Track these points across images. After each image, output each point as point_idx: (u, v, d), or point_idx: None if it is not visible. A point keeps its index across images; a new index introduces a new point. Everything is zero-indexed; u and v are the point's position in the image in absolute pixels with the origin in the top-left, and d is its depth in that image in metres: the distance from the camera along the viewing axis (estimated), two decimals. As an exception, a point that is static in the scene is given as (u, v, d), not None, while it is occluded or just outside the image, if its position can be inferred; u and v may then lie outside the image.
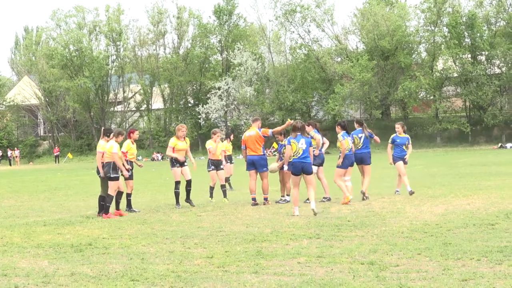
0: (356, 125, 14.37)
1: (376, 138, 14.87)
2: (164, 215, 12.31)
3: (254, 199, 13.47)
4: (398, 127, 15.03)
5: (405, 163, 14.74)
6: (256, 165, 13.62)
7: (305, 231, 9.42)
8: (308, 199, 12.58)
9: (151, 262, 7.54)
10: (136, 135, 13.56)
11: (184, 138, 13.88)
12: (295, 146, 11.74)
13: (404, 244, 8.05)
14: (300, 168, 11.71)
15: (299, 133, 11.90)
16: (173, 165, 13.71)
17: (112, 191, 12.50)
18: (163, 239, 9.23)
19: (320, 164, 13.87)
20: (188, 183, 13.74)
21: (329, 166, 16.25)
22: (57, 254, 8.30)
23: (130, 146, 13.28)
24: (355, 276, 6.41)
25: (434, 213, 11.01)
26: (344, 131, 13.63)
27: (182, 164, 13.72)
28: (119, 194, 12.94)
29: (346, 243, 8.33)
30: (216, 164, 15.39)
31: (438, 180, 18.76)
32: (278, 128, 14.20)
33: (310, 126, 13.73)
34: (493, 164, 26.89)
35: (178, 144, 13.73)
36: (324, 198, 13.83)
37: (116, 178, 12.54)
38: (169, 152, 13.81)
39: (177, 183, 13.72)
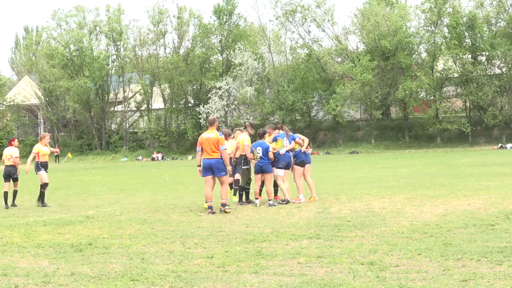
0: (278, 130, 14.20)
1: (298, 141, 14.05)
2: (164, 215, 12.31)
3: (210, 207, 12.30)
4: None
5: None
6: (214, 169, 12.54)
7: (305, 231, 9.43)
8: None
9: (151, 262, 7.54)
10: (16, 142, 15.02)
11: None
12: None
13: (404, 244, 8.05)
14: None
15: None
16: None
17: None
18: (163, 239, 9.23)
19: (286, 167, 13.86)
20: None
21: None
22: (57, 254, 8.30)
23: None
24: (355, 277, 6.40)
25: (434, 213, 11.01)
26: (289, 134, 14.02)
27: None
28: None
29: (346, 243, 8.33)
30: (45, 166, 15.58)
31: (438, 181, 18.74)
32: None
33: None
34: (493, 164, 26.88)
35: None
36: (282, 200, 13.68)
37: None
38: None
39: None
